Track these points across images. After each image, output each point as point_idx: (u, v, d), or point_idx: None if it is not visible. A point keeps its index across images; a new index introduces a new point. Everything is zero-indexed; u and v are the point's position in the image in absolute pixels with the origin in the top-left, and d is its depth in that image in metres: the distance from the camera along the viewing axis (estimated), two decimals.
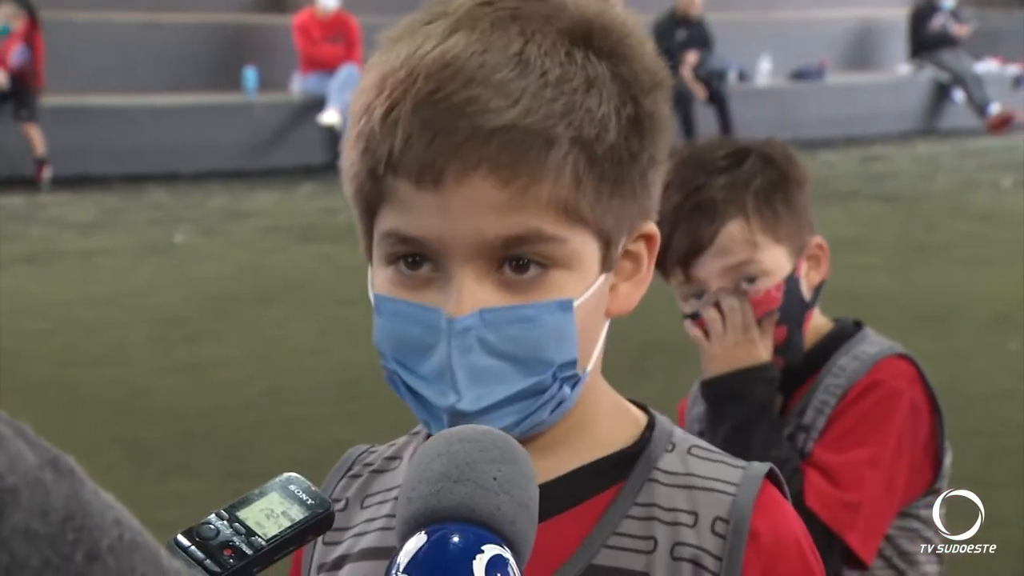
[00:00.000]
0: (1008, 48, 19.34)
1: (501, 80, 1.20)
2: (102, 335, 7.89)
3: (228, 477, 5.53)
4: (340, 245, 10.54)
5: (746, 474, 1.29)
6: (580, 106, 1.21)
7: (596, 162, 1.22)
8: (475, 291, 1.22)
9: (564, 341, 1.23)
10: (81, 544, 0.80)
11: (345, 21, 15.00)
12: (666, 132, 1.29)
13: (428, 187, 1.21)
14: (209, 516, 1.12)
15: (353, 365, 7.24)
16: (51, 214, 11.77)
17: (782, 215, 2.25)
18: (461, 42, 1.22)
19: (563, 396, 1.25)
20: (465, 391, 1.22)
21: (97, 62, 14.36)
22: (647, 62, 1.27)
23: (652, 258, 1.31)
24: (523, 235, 1.21)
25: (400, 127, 1.21)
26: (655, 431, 1.32)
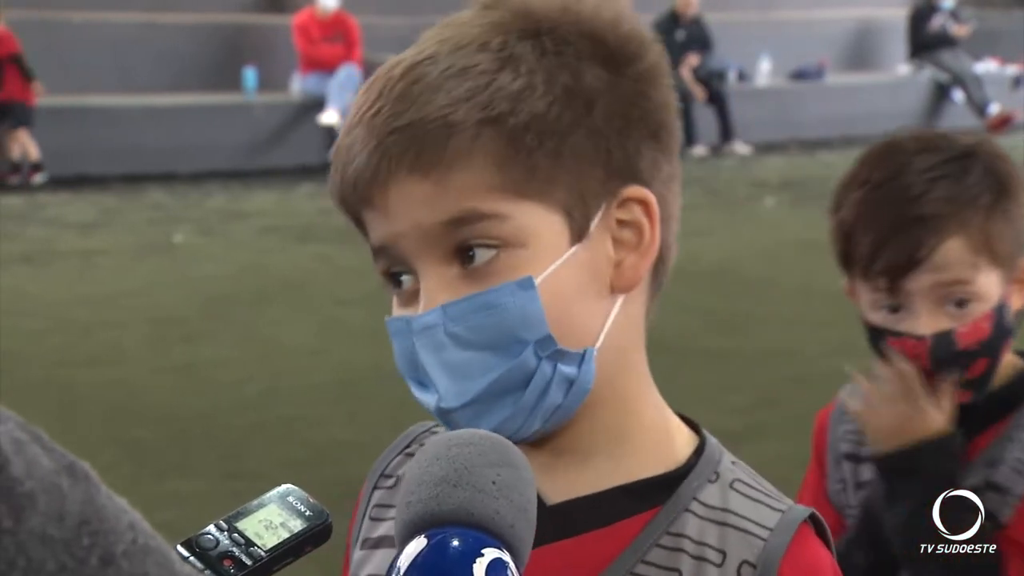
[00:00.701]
0: (1007, 48, 19.35)
1: (401, 89, 1.22)
2: (100, 335, 7.89)
3: (226, 477, 5.53)
4: (339, 245, 10.54)
5: (784, 518, 1.25)
6: (486, 87, 1.20)
7: (517, 137, 1.19)
8: (437, 289, 1.21)
9: (530, 320, 1.20)
10: (96, 548, 0.81)
11: (345, 21, 15.00)
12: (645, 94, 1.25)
13: (367, 206, 1.24)
14: (208, 527, 1.13)
15: (351, 365, 7.24)
16: (50, 214, 11.77)
17: (1002, 237, 2.02)
18: (389, 63, 1.26)
19: (567, 375, 1.22)
20: (444, 388, 1.22)
21: (96, 62, 14.36)
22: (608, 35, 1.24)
23: (654, 223, 1.25)
24: (459, 217, 1.19)
25: (340, 160, 1.25)
26: (702, 457, 1.29)
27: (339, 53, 14.79)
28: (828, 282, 2.15)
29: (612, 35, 1.25)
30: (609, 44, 1.24)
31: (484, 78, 1.20)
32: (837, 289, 2.19)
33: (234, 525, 1.13)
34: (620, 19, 1.26)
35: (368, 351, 7.50)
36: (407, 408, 1.30)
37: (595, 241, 1.23)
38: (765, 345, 7.34)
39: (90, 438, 5.97)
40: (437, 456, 1.06)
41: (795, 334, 7.60)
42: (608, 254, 1.24)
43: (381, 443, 1.51)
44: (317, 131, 14.46)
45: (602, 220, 1.23)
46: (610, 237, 1.24)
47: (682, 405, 1.38)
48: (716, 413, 5.51)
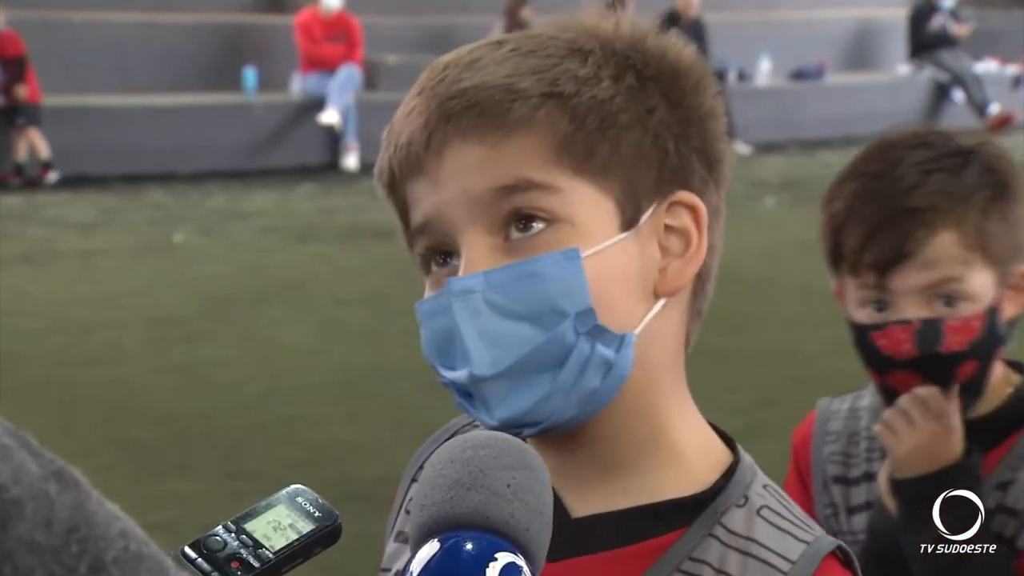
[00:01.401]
0: (1007, 48, 19.35)
1: (471, 59, 1.24)
2: (100, 335, 7.88)
3: (226, 477, 5.53)
4: (339, 245, 10.54)
5: (807, 550, 1.22)
6: (555, 67, 1.22)
7: (580, 116, 1.20)
8: (479, 256, 1.20)
9: (574, 291, 1.18)
10: (86, 556, 0.80)
11: (347, 21, 15.00)
12: (703, 123, 1.26)
13: (417, 173, 1.23)
14: (216, 528, 1.12)
15: (351, 365, 7.24)
16: (50, 214, 11.77)
17: (998, 235, 1.96)
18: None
19: (604, 356, 1.20)
20: (478, 355, 1.19)
21: (96, 62, 14.36)
22: (672, 59, 1.27)
23: (701, 231, 1.25)
24: (511, 184, 1.19)
25: (393, 132, 1.26)
26: (733, 479, 1.26)
27: (341, 53, 14.78)
28: (828, 282, 2.12)
29: (679, 61, 1.27)
30: (679, 71, 1.26)
31: (551, 60, 1.22)
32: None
33: (242, 526, 1.12)
34: (685, 54, 1.28)
35: (368, 351, 7.50)
36: (407, 408, 1.30)
37: (643, 239, 1.23)
38: (765, 345, 7.35)
39: (90, 438, 5.97)
40: (452, 458, 1.04)
41: (795, 334, 7.60)
42: (655, 256, 1.24)
43: (381, 443, 1.51)
44: (317, 131, 14.46)
45: (651, 220, 1.23)
46: (657, 241, 1.24)
47: None
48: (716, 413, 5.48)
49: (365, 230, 11.13)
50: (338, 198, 12.81)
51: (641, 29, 1.27)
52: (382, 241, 10.76)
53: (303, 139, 14.52)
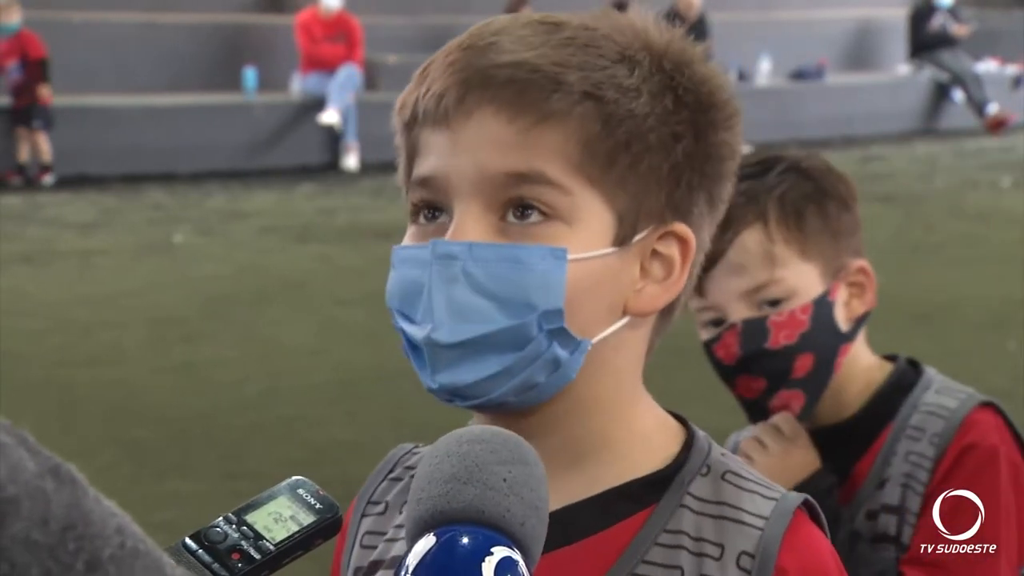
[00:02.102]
0: (1007, 48, 19.35)
1: (525, 33, 1.24)
2: (100, 335, 7.88)
3: (225, 477, 5.53)
4: (338, 245, 10.54)
5: (777, 506, 1.25)
6: (603, 69, 1.22)
7: (612, 125, 1.22)
8: (469, 226, 1.21)
9: (550, 289, 1.20)
10: (82, 553, 0.80)
11: (347, 21, 15.00)
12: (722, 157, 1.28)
13: (441, 125, 1.24)
14: (217, 520, 1.12)
15: (351, 365, 7.24)
16: (49, 214, 11.77)
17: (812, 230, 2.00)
18: (508, 17, 1.29)
19: (556, 355, 1.22)
20: (443, 321, 1.21)
21: (95, 62, 14.36)
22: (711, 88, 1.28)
23: (686, 264, 1.28)
24: (526, 173, 1.20)
25: (429, 76, 1.27)
26: (692, 451, 1.29)
27: (341, 53, 14.78)
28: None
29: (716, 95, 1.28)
30: (712, 101, 1.28)
31: (602, 61, 1.23)
32: None
33: (243, 518, 1.12)
34: (724, 86, 1.30)
35: (368, 351, 7.50)
36: (406, 408, 1.30)
37: (629, 257, 1.25)
38: None
39: (90, 438, 5.97)
40: (448, 453, 1.05)
41: None
42: (634, 276, 1.26)
43: (380, 443, 1.51)
44: (317, 131, 14.46)
45: (642, 241, 1.25)
46: (640, 262, 1.26)
47: (681, 404, 1.38)
48: (715, 412, 5.49)
49: (365, 230, 11.13)
50: (338, 198, 12.81)
51: (690, 53, 1.28)
52: (382, 241, 10.76)
53: (303, 139, 14.52)
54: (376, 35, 15.52)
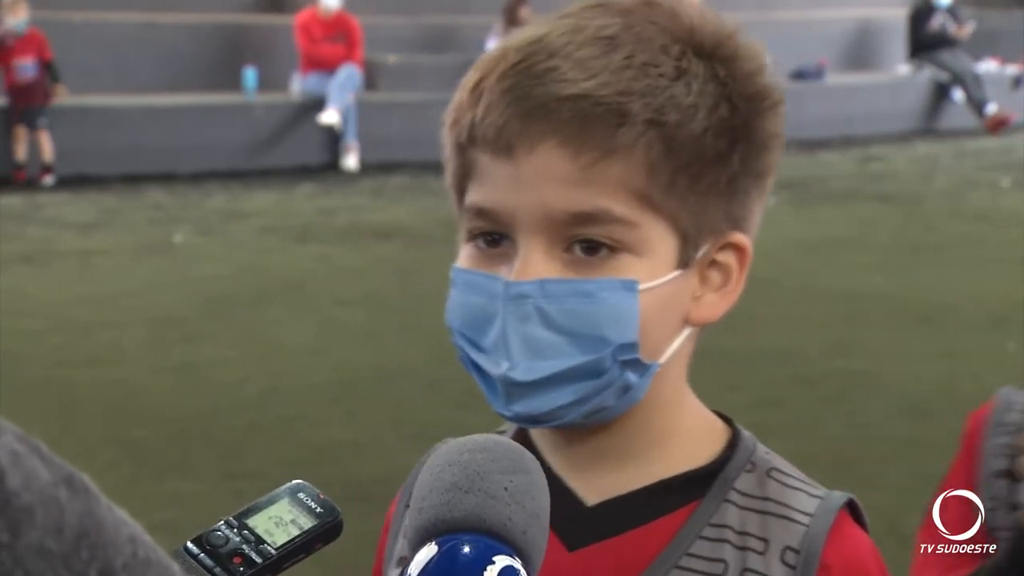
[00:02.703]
0: (1007, 48, 19.34)
1: (583, 56, 1.22)
2: (99, 335, 7.88)
3: (225, 477, 5.53)
4: (338, 245, 10.54)
5: (822, 504, 1.27)
6: (663, 91, 1.21)
7: (674, 149, 1.21)
8: (538, 263, 1.21)
9: (624, 321, 1.21)
10: (95, 562, 0.80)
11: (347, 21, 14.99)
12: (769, 149, 1.28)
13: (502, 156, 1.22)
14: (218, 523, 1.12)
15: (351, 365, 7.24)
16: (49, 214, 11.76)
17: None
18: (559, 26, 1.25)
19: (627, 382, 1.23)
20: (519, 359, 1.22)
21: (95, 62, 14.35)
22: (758, 80, 1.27)
23: (743, 271, 1.29)
24: (591, 213, 1.20)
25: (483, 97, 1.24)
26: (738, 448, 1.31)
27: (340, 53, 14.78)
28: (828, 282, 2.10)
29: (762, 81, 1.28)
30: (760, 89, 1.28)
31: (663, 81, 1.22)
32: (837, 289, 2.17)
33: (244, 522, 1.12)
34: (767, 68, 1.30)
35: (368, 351, 7.50)
36: (406, 408, 1.30)
37: (690, 273, 1.26)
38: (766, 345, 7.34)
39: (90, 438, 5.97)
40: (449, 462, 1.05)
41: (796, 334, 7.60)
42: (694, 287, 1.27)
43: (380, 443, 1.51)
44: (317, 131, 14.46)
45: (704, 255, 1.27)
46: (700, 272, 1.27)
47: None
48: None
49: (365, 230, 11.13)
50: (338, 198, 12.80)
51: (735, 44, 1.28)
52: (382, 241, 10.76)
53: (303, 139, 14.51)
54: (376, 35, 15.51)
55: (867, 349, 7.23)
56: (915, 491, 5.27)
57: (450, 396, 6.55)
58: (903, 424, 6.16)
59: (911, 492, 5.33)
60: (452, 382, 6.80)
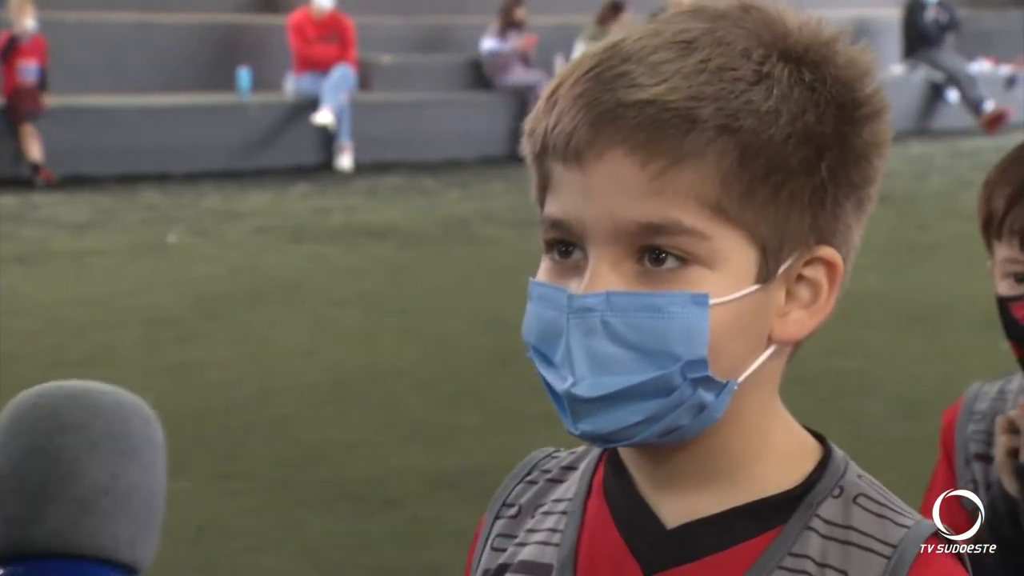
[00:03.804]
0: (1001, 48, 19.35)
1: (657, 60, 1.17)
2: (93, 335, 7.87)
3: (219, 478, 5.52)
4: (333, 245, 10.54)
5: (908, 534, 1.20)
6: (739, 95, 1.16)
7: (750, 157, 1.16)
8: (606, 274, 1.17)
9: (693, 337, 1.16)
10: None
11: (340, 21, 14.99)
12: (868, 159, 1.22)
13: (572, 164, 1.18)
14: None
15: (344, 365, 7.23)
16: (43, 214, 11.75)
17: None
18: (639, 30, 1.21)
19: (701, 400, 1.18)
20: (583, 375, 1.17)
21: (89, 62, 14.34)
22: (855, 86, 1.22)
23: (834, 287, 1.23)
24: (660, 224, 1.15)
25: (557, 105, 1.20)
26: (826, 471, 1.24)
27: (334, 53, 14.77)
28: None
29: (861, 89, 1.22)
30: (857, 97, 1.21)
31: (739, 85, 1.16)
32: None
33: None
34: (870, 74, 1.24)
35: (362, 351, 7.49)
36: (400, 408, 1.30)
37: (773, 288, 1.20)
38: None
39: None
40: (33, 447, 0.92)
41: None
42: (779, 303, 1.21)
43: (374, 443, 1.51)
44: (311, 131, 14.45)
45: (788, 269, 1.20)
46: (786, 287, 1.21)
47: None
48: None
49: (359, 230, 11.12)
50: (332, 198, 12.79)
51: (831, 48, 1.23)
52: (376, 241, 10.76)
53: (297, 139, 14.51)
54: (371, 35, 15.50)
55: (862, 349, 7.23)
56: (911, 491, 5.26)
57: (443, 396, 6.55)
58: (898, 424, 6.16)
59: (907, 492, 5.31)
60: (445, 382, 6.80)
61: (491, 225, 11.50)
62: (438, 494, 5.25)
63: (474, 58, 15.97)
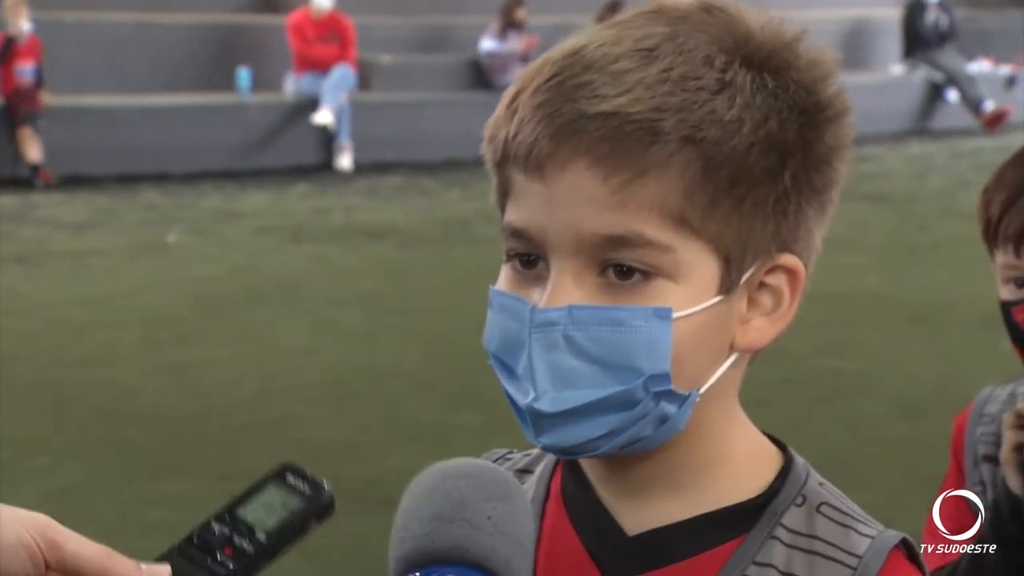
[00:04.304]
0: (1001, 48, 19.35)
1: (618, 69, 1.16)
2: (93, 335, 7.87)
3: (218, 478, 5.52)
4: (332, 245, 10.54)
5: (873, 544, 1.19)
6: (702, 105, 1.15)
7: (714, 167, 1.15)
8: (569, 287, 1.16)
9: (656, 351, 1.15)
10: None
11: (339, 21, 14.99)
12: (829, 163, 1.21)
13: (533, 175, 1.17)
14: (209, 519, 1.11)
15: (344, 365, 7.24)
16: (43, 214, 11.75)
17: None
18: (600, 35, 1.19)
19: (664, 412, 1.17)
20: (545, 389, 1.16)
21: (89, 62, 14.34)
22: (818, 89, 1.21)
23: (795, 295, 1.22)
24: (623, 236, 1.14)
25: (518, 113, 1.18)
26: (788, 479, 1.24)
27: (334, 53, 14.77)
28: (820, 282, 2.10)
29: (823, 92, 1.21)
30: (819, 100, 1.20)
31: (702, 95, 1.15)
32: (828, 290, 2.18)
33: (234, 513, 1.11)
34: (832, 75, 1.23)
35: (361, 351, 7.49)
36: (400, 408, 1.30)
37: (735, 297, 1.20)
38: None
39: (82, 439, 5.96)
40: (433, 489, 1.03)
41: (788, 333, 7.56)
42: (741, 311, 1.21)
43: (374, 443, 1.51)
44: (311, 131, 14.45)
45: (750, 277, 1.20)
46: (747, 295, 1.21)
47: None
48: None
49: (359, 230, 11.13)
50: (332, 198, 12.80)
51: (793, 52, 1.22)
52: (376, 241, 10.76)
53: (297, 139, 14.51)
54: (370, 35, 15.50)
55: (860, 349, 7.23)
56: (908, 491, 5.28)
57: (443, 396, 6.55)
58: (896, 424, 6.16)
59: (904, 492, 5.34)
60: (445, 382, 6.80)
61: (491, 225, 11.44)
62: None
63: (474, 58, 15.97)
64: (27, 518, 1.07)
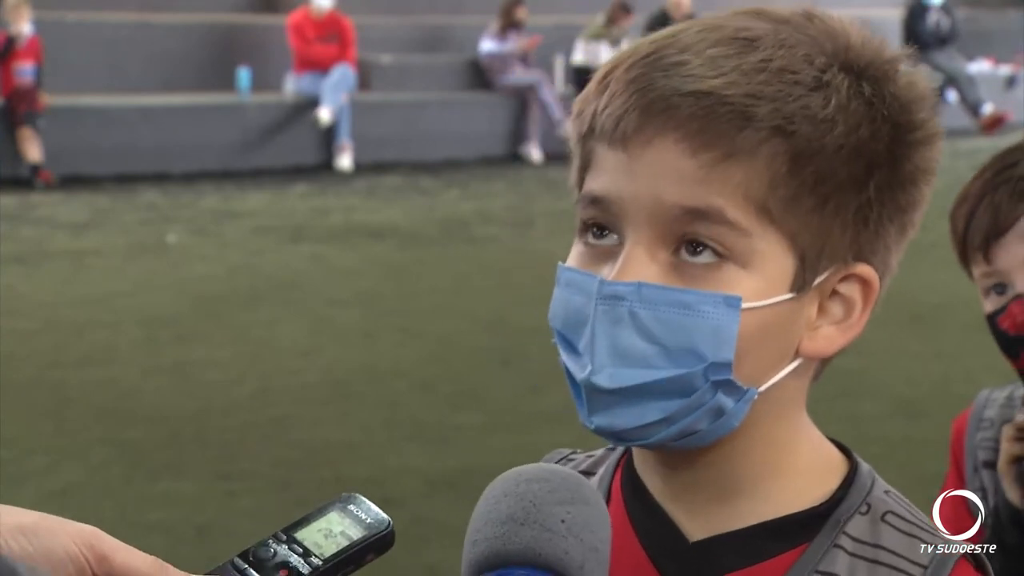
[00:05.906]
0: (1001, 48, 19.36)
1: (716, 54, 1.16)
2: (92, 335, 7.87)
3: (218, 478, 5.52)
4: (331, 245, 10.53)
5: (938, 554, 1.18)
6: (796, 99, 1.14)
7: (800, 163, 1.14)
8: (642, 259, 1.15)
9: (721, 339, 1.14)
10: None
11: (339, 21, 14.99)
12: (915, 184, 1.21)
13: (617, 147, 1.16)
14: (267, 537, 1.11)
15: (343, 365, 7.23)
16: (42, 214, 11.75)
17: None
18: (698, 23, 1.20)
19: (721, 404, 1.16)
20: (603, 364, 1.15)
21: (88, 62, 14.34)
22: (913, 108, 1.20)
23: (867, 306, 1.21)
24: (703, 210, 1.13)
25: (609, 88, 1.18)
26: (853, 487, 1.22)
27: (333, 53, 14.77)
28: None
29: (917, 112, 1.21)
30: (912, 120, 1.20)
31: (798, 89, 1.15)
32: None
33: (292, 535, 1.10)
34: (928, 99, 1.23)
35: (361, 351, 7.49)
36: (399, 408, 1.29)
37: (806, 299, 1.19)
38: None
39: (81, 439, 5.95)
40: (506, 492, 1.03)
41: None
42: (810, 316, 1.19)
43: (374, 443, 1.50)
44: (310, 131, 14.45)
45: (823, 282, 1.19)
46: (819, 301, 1.20)
47: None
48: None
49: (358, 230, 11.12)
50: (331, 198, 12.80)
51: (892, 68, 1.21)
52: (375, 241, 10.76)
53: (296, 139, 14.51)
54: (370, 35, 15.51)
55: (860, 348, 7.17)
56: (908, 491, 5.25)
57: (443, 396, 6.55)
58: (896, 423, 6.16)
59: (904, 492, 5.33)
60: (445, 382, 6.80)
61: (490, 225, 11.50)
62: (438, 494, 5.25)
63: (473, 58, 15.97)
64: (75, 530, 1.05)
